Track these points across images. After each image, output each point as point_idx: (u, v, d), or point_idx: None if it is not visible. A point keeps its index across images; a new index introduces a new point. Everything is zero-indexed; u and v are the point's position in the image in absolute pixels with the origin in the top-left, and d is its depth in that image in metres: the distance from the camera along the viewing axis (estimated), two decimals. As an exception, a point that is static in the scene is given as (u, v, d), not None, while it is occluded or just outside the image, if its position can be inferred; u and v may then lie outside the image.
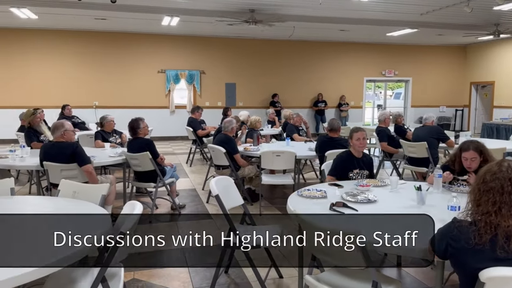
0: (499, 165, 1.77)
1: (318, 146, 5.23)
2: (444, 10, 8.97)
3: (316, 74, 14.17)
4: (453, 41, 14.11)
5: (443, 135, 6.24)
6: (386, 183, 3.51)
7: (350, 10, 9.27)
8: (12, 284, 1.70)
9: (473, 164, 3.32)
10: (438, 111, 15.14)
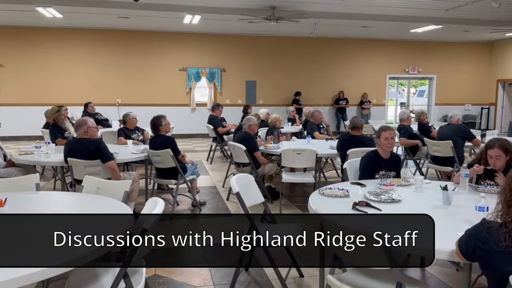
0: (532, 165, 1.69)
1: (340, 144, 5.16)
2: (471, 5, 8.71)
3: (337, 72, 14.02)
4: (480, 37, 13.71)
5: (469, 134, 6.07)
6: (411, 182, 3.43)
7: (373, 6, 9.12)
8: (35, 279, 1.74)
9: (497, 162, 3.22)
10: (463, 109, 14.77)
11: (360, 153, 4.58)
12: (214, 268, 3.58)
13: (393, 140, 3.70)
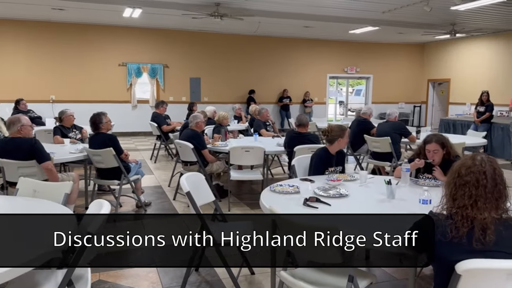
0: (473, 159, 1.80)
1: (287, 141, 5.23)
2: (405, 8, 9.23)
3: (281, 70, 14.24)
4: (412, 39, 14.59)
5: (405, 131, 6.43)
6: (356, 177, 3.55)
7: (315, 6, 9.35)
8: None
9: (435, 156, 3.42)
10: (398, 107, 15.63)
11: (306, 150, 4.68)
12: (162, 270, 3.47)
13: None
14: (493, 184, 1.73)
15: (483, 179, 1.73)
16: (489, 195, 1.72)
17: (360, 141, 6.60)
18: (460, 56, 14.24)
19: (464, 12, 9.46)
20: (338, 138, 3.77)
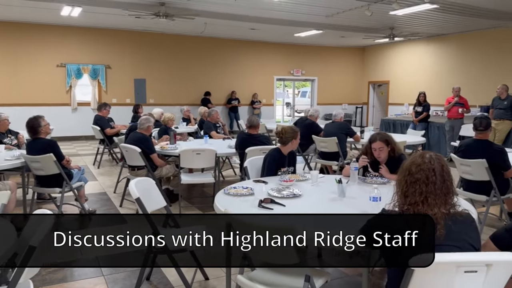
0: (422, 157, 1.88)
1: (238, 143, 5.20)
2: (347, 13, 9.56)
3: (229, 72, 14.21)
4: (354, 43, 15.17)
5: (351, 131, 6.65)
6: (307, 177, 3.60)
7: (261, 9, 9.42)
8: None
9: (381, 153, 3.56)
10: (341, 108, 16.17)
11: (258, 151, 4.69)
12: (112, 280, 3.31)
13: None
14: (441, 180, 1.81)
15: (433, 176, 1.81)
16: (438, 191, 1.80)
17: (308, 142, 6.73)
18: (398, 59, 15.03)
19: (402, 17, 9.99)
20: (291, 139, 3.84)
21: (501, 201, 4.23)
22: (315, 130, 6.80)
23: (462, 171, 4.32)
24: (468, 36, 12.34)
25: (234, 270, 2.58)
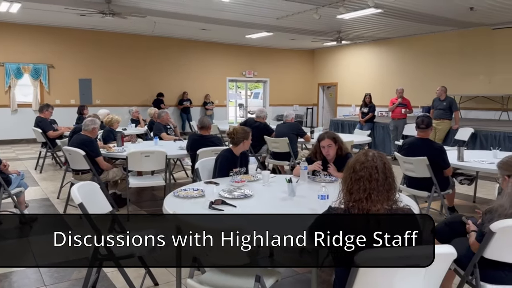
0: (366, 155, 1.94)
1: (190, 144, 5.11)
2: (296, 15, 9.74)
3: (181, 72, 13.99)
4: (304, 45, 15.49)
5: (301, 131, 6.77)
6: (259, 177, 3.61)
7: (211, 9, 9.36)
8: None
9: (330, 150, 3.66)
10: (292, 109, 16.44)
11: (210, 152, 4.64)
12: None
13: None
14: (383, 177, 1.88)
15: (375, 173, 1.87)
16: (381, 188, 1.86)
17: (261, 143, 6.78)
18: (346, 62, 15.54)
19: (348, 21, 10.34)
20: (243, 140, 3.84)
21: (442, 197, 4.47)
22: (266, 131, 6.85)
23: (405, 169, 4.52)
24: (410, 40, 13.00)
25: (184, 274, 2.53)
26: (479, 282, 2.35)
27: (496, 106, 10.84)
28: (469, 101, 11.37)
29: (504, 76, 10.75)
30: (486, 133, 7.92)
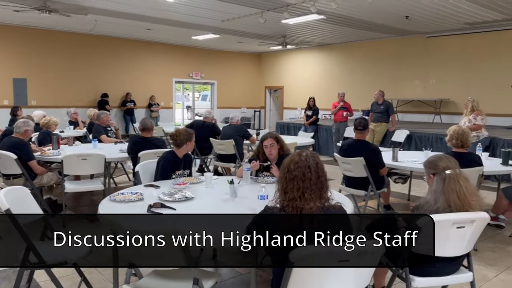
0: (299, 155, 2.00)
1: (131, 146, 4.97)
2: (242, 19, 9.81)
3: (123, 72, 13.56)
4: (251, 49, 15.62)
5: (247, 133, 6.82)
6: (201, 179, 3.59)
7: (156, 9, 9.18)
8: None
9: (272, 150, 3.73)
10: (240, 112, 16.53)
11: (152, 155, 4.54)
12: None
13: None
14: (316, 176, 1.94)
15: (308, 172, 1.93)
16: (313, 187, 1.92)
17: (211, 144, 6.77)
18: (292, 66, 15.88)
19: (293, 26, 10.58)
20: (186, 142, 3.79)
21: (378, 195, 4.69)
22: (214, 132, 6.85)
23: (344, 169, 4.70)
24: (352, 46, 13.55)
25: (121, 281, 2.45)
26: (409, 275, 2.48)
27: (430, 109, 11.59)
28: (405, 105, 12.06)
29: (438, 81, 11.52)
30: (420, 135, 8.43)
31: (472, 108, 6.49)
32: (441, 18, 9.51)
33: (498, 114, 9.99)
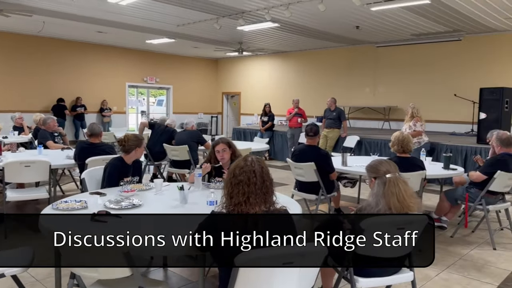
0: (245, 160, 2.02)
1: (78, 153, 4.79)
2: (197, 24, 9.78)
3: (73, 76, 13.06)
4: (207, 54, 15.58)
5: (202, 139, 6.78)
6: (151, 186, 3.53)
7: (108, 12, 8.94)
8: None
9: (225, 154, 3.73)
10: (197, 117, 16.40)
11: (101, 161, 4.39)
12: None
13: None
14: (261, 181, 1.97)
15: (253, 177, 1.96)
16: (258, 191, 1.95)
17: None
18: (248, 72, 16.00)
19: (249, 33, 10.68)
20: (135, 148, 3.69)
21: (329, 199, 4.81)
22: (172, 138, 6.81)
23: (296, 174, 4.79)
24: (306, 54, 13.87)
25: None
26: (353, 276, 2.56)
27: (379, 116, 12.06)
28: (356, 112, 12.48)
29: (387, 89, 12.03)
30: (370, 140, 8.75)
31: (412, 114, 6.80)
32: (389, 29, 9.96)
33: (442, 121, 10.59)
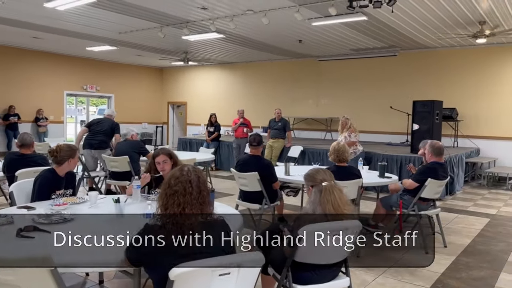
0: (181, 170, 1.98)
1: (7, 164, 4.48)
2: (141, 32, 9.57)
3: (6, 83, 12.23)
4: (152, 63, 15.28)
5: (144, 149, 6.60)
6: (85, 199, 3.36)
7: (45, 17, 8.50)
8: None
9: (165, 166, 3.66)
10: (141, 127, 15.97)
11: (32, 173, 4.12)
12: None
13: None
14: (197, 191, 1.94)
15: (189, 187, 1.92)
16: (194, 201, 1.92)
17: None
18: (195, 82, 15.88)
19: (194, 43, 10.62)
20: (68, 159, 3.49)
21: (272, 208, 4.85)
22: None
23: (240, 184, 4.79)
24: (252, 66, 14.05)
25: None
26: (292, 284, 2.59)
27: (322, 127, 12.46)
28: (301, 123, 12.80)
29: (328, 101, 12.46)
30: (313, 150, 8.98)
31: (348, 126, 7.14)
32: (330, 44, 10.36)
33: (379, 132, 11.14)
